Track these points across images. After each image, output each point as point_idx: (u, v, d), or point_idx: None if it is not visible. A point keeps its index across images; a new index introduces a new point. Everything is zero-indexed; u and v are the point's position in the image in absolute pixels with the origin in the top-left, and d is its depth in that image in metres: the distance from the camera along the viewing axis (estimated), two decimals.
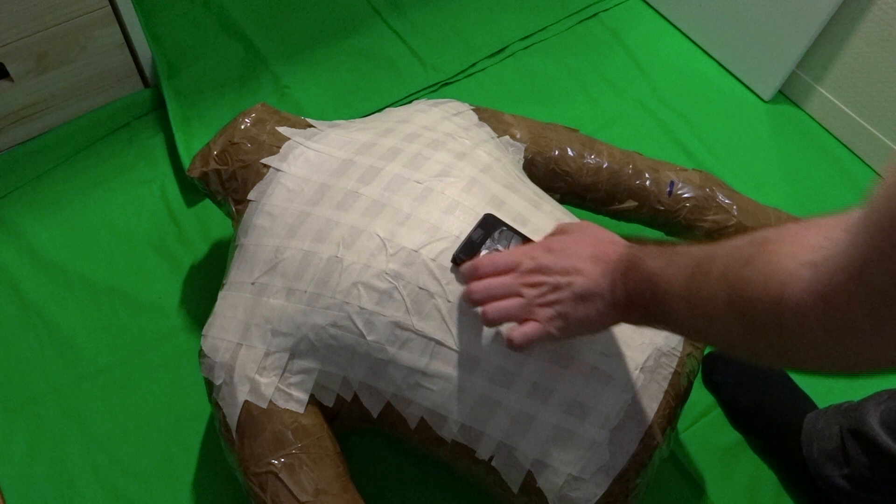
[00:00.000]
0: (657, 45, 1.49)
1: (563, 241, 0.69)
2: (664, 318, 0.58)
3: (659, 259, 0.58)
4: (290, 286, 0.79)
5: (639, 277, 0.60)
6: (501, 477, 0.77)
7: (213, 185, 0.92)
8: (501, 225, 0.77)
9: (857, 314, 0.39)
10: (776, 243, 0.46)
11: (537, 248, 0.69)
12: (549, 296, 0.66)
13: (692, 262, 0.54)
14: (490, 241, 0.76)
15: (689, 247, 0.56)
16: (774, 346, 0.47)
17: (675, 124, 1.36)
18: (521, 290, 0.67)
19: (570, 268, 0.65)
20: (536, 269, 0.67)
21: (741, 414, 1.04)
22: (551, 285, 0.65)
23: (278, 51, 1.39)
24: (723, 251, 0.52)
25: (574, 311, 0.65)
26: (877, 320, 0.39)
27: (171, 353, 1.07)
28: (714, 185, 1.02)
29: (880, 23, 1.23)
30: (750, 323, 0.48)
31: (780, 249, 0.46)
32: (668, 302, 0.56)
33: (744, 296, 0.47)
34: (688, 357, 0.80)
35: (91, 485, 0.97)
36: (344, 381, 0.79)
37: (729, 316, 0.49)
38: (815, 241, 0.44)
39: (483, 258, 0.71)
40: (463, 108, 0.98)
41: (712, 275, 0.51)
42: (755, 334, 0.48)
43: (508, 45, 1.45)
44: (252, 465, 0.78)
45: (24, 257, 1.15)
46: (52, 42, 1.15)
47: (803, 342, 0.44)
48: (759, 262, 0.46)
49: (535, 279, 0.66)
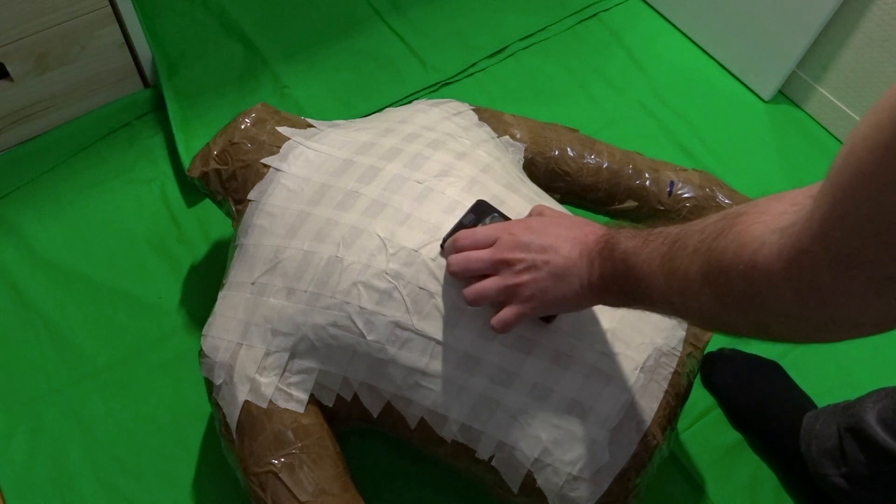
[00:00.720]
0: (657, 45, 1.49)
1: (541, 221, 0.70)
2: (640, 295, 0.59)
3: (635, 239, 0.59)
4: (290, 286, 0.79)
5: (616, 257, 0.61)
6: (501, 477, 0.77)
7: (213, 185, 0.92)
8: (493, 211, 0.77)
9: (823, 275, 0.40)
10: (747, 215, 0.48)
11: (516, 225, 0.70)
12: (524, 275, 0.66)
13: (668, 239, 0.55)
14: (481, 225, 0.76)
15: (664, 227, 0.58)
16: (748, 316, 0.48)
17: (675, 124, 1.36)
18: (497, 267, 0.68)
19: (547, 246, 0.66)
20: (514, 245, 0.67)
21: (740, 414, 1.04)
22: (528, 263, 0.66)
23: (278, 51, 1.39)
24: (697, 227, 0.53)
25: (550, 290, 0.65)
26: (841, 281, 0.40)
27: (171, 353, 1.07)
28: (714, 185, 1.02)
29: (880, 23, 1.23)
30: (724, 294, 0.49)
31: (750, 220, 0.47)
32: (644, 279, 0.57)
33: (717, 267, 0.48)
34: (688, 357, 0.80)
35: (91, 485, 0.97)
36: (344, 380, 0.79)
37: (704, 289, 0.50)
38: (783, 209, 0.45)
39: (463, 232, 0.72)
40: (463, 108, 0.98)
41: (687, 249, 0.52)
42: (730, 305, 0.49)
43: (508, 45, 1.45)
44: (252, 465, 0.78)
45: (24, 257, 1.15)
46: (52, 42, 1.15)
47: (776, 309, 0.45)
48: (731, 234, 0.47)
49: (513, 255, 0.67)
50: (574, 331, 0.75)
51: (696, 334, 0.83)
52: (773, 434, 1.01)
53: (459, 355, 0.75)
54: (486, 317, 0.75)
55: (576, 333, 0.75)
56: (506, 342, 0.74)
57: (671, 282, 0.54)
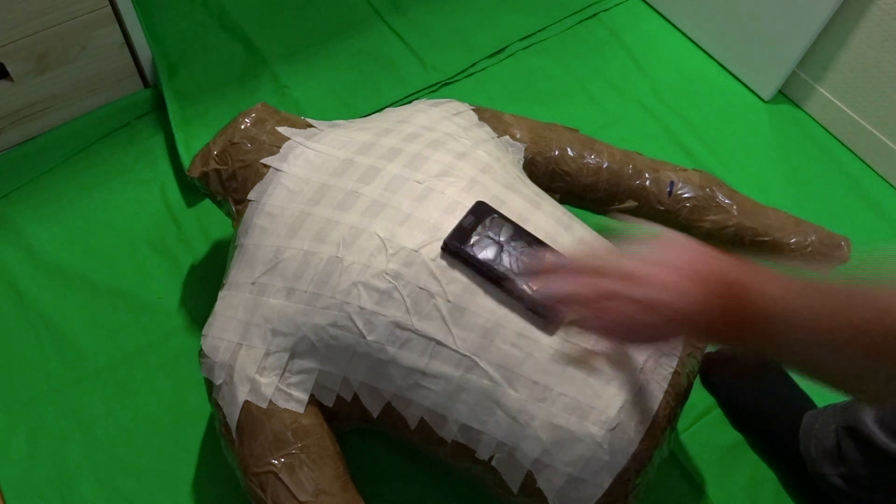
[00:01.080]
0: (657, 45, 1.49)
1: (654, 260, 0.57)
2: (775, 346, 0.53)
3: (780, 284, 0.52)
4: (290, 286, 0.79)
5: (750, 300, 0.53)
6: (501, 477, 0.77)
7: (213, 185, 0.92)
8: (493, 212, 0.77)
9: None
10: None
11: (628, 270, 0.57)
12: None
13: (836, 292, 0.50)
14: (481, 227, 0.76)
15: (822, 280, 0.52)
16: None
17: (675, 124, 1.36)
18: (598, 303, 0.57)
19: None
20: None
21: (740, 414, 1.04)
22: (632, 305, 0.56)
23: (278, 51, 1.39)
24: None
25: (643, 319, 0.56)
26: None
27: (171, 353, 1.07)
28: (714, 185, 1.02)
29: (880, 23, 1.23)
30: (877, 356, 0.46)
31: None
32: (789, 332, 0.51)
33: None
34: (688, 357, 0.80)
35: (91, 485, 0.97)
36: (344, 381, 0.79)
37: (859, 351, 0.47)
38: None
39: (565, 262, 0.61)
40: (463, 108, 0.98)
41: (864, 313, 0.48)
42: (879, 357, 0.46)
43: (508, 45, 1.45)
44: (252, 465, 0.78)
45: (24, 257, 1.15)
46: (52, 42, 1.15)
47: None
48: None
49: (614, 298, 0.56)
50: (573, 331, 0.75)
51: None
52: (772, 434, 1.01)
53: (459, 355, 0.75)
54: (485, 317, 0.75)
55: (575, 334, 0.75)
56: (506, 342, 0.74)
57: (828, 340, 0.49)
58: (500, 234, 0.76)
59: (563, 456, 0.73)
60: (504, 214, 0.78)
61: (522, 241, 0.77)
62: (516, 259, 0.75)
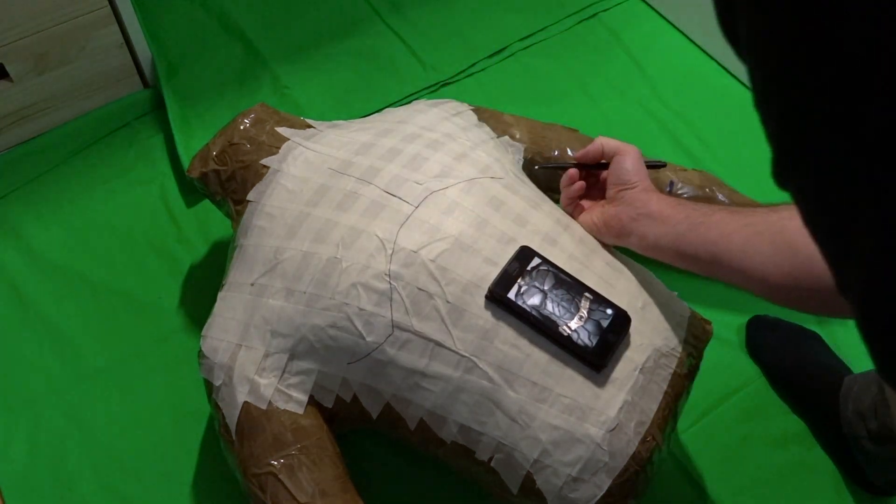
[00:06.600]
0: (657, 45, 1.48)
1: None
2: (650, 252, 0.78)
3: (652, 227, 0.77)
4: (289, 287, 0.79)
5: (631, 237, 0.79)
6: (501, 477, 0.77)
7: (213, 186, 0.92)
8: (536, 256, 0.77)
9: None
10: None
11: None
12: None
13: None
14: (527, 275, 0.76)
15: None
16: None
17: (675, 124, 1.36)
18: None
19: None
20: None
21: (782, 376, 1.07)
22: None
23: (278, 51, 1.39)
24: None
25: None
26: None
27: (170, 353, 1.07)
28: (714, 185, 1.02)
29: None
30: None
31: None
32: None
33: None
34: (687, 357, 0.80)
35: (91, 485, 0.97)
36: (343, 381, 0.79)
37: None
38: None
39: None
40: (462, 108, 0.98)
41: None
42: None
43: (508, 45, 1.44)
44: (251, 466, 0.78)
45: (23, 257, 1.15)
46: (52, 42, 1.15)
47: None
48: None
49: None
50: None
51: (696, 335, 0.83)
52: (812, 394, 1.03)
53: (459, 356, 0.75)
54: (485, 317, 0.75)
55: None
56: (505, 342, 0.74)
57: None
58: (545, 281, 0.76)
59: (563, 456, 0.73)
60: (548, 258, 0.77)
61: (567, 289, 0.76)
62: (560, 306, 0.75)
